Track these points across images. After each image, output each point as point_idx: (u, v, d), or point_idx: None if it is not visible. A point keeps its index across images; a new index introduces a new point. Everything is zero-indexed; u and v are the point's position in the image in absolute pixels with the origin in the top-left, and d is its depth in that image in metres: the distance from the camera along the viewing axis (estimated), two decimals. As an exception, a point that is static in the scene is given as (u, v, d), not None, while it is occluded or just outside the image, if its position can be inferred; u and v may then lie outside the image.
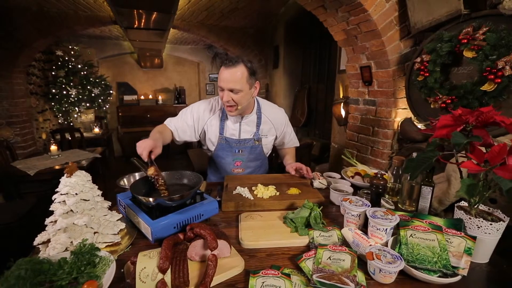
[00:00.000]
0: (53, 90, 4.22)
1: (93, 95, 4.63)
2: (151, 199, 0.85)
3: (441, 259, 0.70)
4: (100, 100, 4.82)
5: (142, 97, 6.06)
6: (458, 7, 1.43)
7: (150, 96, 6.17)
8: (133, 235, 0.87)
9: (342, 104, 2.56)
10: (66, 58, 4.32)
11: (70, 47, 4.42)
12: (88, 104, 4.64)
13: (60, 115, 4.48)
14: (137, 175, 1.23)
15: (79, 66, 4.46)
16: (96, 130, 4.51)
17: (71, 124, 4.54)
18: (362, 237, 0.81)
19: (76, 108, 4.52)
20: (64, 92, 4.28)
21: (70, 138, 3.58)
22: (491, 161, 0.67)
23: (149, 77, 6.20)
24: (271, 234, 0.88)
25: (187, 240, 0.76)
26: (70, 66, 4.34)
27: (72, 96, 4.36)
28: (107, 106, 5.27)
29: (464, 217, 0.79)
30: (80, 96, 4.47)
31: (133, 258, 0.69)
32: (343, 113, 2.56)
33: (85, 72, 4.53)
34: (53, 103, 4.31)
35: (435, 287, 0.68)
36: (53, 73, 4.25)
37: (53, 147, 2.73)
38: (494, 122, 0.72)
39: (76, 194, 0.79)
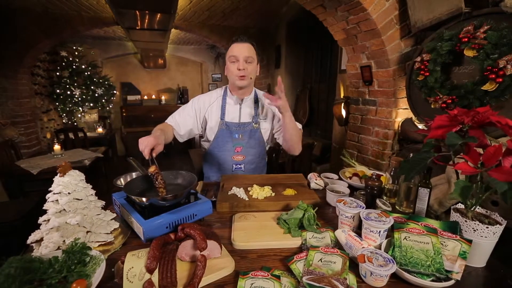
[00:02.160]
0: (58, 90, 4.29)
1: (96, 95, 4.69)
2: (144, 199, 0.86)
3: (435, 262, 0.69)
4: (103, 100, 4.89)
5: (145, 97, 6.12)
6: (459, 5, 1.40)
7: (153, 96, 6.22)
8: (127, 234, 0.88)
9: (342, 104, 2.54)
10: (70, 59, 4.39)
11: (74, 47, 4.49)
12: (91, 104, 4.70)
13: (64, 115, 4.55)
14: (134, 175, 1.23)
15: (83, 66, 4.52)
16: (100, 129, 4.56)
17: (75, 123, 4.60)
18: (355, 239, 0.80)
19: (80, 108, 4.59)
20: (68, 92, 4.35)
21: (73, 138, 3.63)
22: (486, 162, 0.66)
23: (152, 77, 6.25)
24: (263, 235, 0.87)
25: (178, 240, 0.76)
26: (74, 67, 4.41)
27: (76, 96, 4.42)
28: (110, 106, 5.33)
29: (460, 220, 0.77)
30: (84, 96, 4.53)
31: (123, 257, 0.69)
32: (343, 113, 2.54)
33: (89, 73, 4.60)
34: (57, 103, 4.38)
35: (428, 291, 0.67)
36: (57, 73, 4.32)
37: (56, 147, 2.77)
38: (491, 122, 0.70)
39: (69, 193, 0.80)
